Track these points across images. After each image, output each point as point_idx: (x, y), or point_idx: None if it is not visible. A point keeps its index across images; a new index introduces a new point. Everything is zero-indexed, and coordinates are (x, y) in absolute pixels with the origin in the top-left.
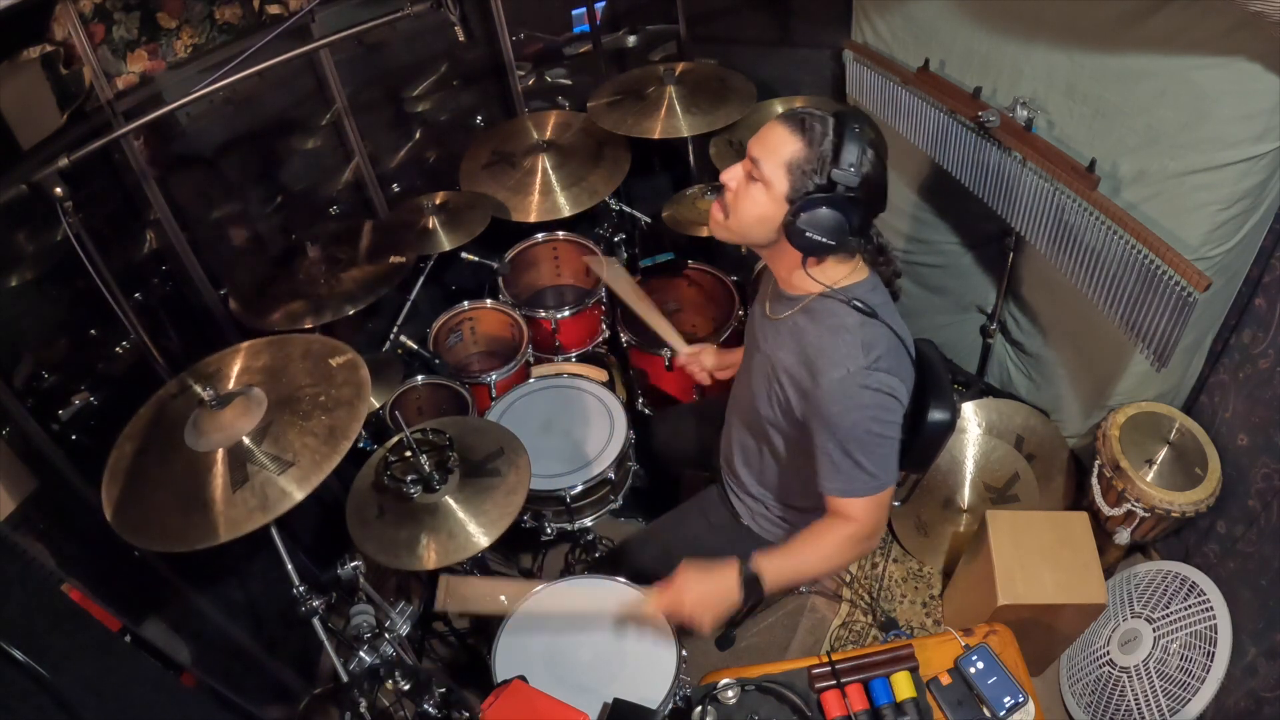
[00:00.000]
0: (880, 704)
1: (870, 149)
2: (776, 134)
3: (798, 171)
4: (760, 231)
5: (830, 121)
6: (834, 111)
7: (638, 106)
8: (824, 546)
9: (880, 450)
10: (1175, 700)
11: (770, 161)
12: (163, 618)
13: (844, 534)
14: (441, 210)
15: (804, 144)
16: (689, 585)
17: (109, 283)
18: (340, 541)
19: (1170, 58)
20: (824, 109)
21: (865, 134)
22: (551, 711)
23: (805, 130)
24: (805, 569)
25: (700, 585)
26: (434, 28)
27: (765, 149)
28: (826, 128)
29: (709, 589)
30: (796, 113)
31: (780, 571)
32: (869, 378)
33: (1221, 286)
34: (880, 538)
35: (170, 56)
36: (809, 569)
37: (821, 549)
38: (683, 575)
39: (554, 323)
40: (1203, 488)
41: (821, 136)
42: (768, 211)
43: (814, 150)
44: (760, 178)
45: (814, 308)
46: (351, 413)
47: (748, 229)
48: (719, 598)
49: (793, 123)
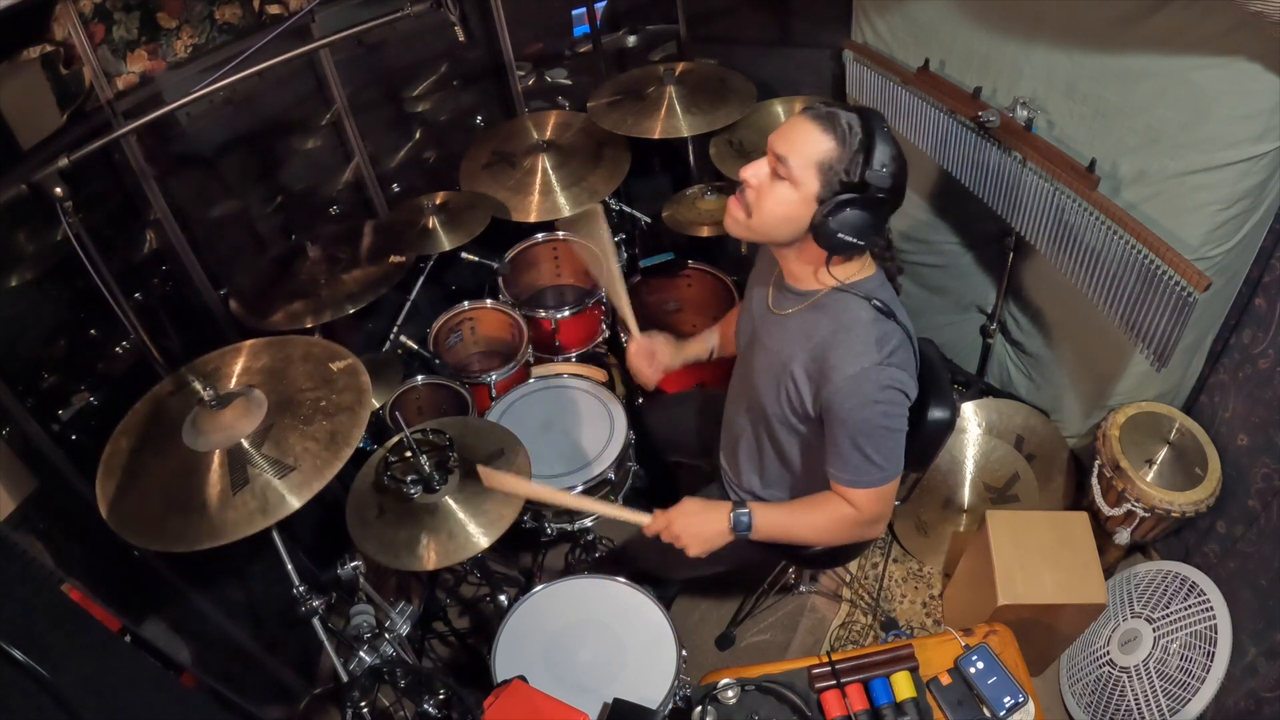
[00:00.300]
0: (880, 704)
1: (897, 147)
2: (805, 131)
3: (829, 171)
4: (785, 230)
5: (857, 119)
6: (855, 108)
7: (638, 106)
8: (820, 516)
9: (889, 443)
10: (1175, 700)
11: (799, 159)
12: (163, 618)
13: (843, 512)
14: (441, 210)
15: (836, 143)
16: (684, 510)
17: (109, 283)
18: (340, 541)
19: (1170, 58)
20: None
21: (890, 133)
22: (551, 711)
23: (836, 128)
24: (796, 531)
25: (694, 514)
26: (434, 28)
27: (793, 147)
28: (856, 126)
29: (702, 518)
30: (823, 109)
31: (772, 523)
32: (882, 374)
33: (1221, 286)
34: (883, 528)
35: (170, 56)
36: (799, 532)
37: (817, 518)
38: (681, 503)
39: (554, 323)
40: (1203, 488)
41: (853, 135)
42: (795, 211)
43: (846, 150)
44: (788, 176)
45: (824, 303)
46: (353, 419)
47: (772, 228)
48: (709, 528)
49: (822, 120)
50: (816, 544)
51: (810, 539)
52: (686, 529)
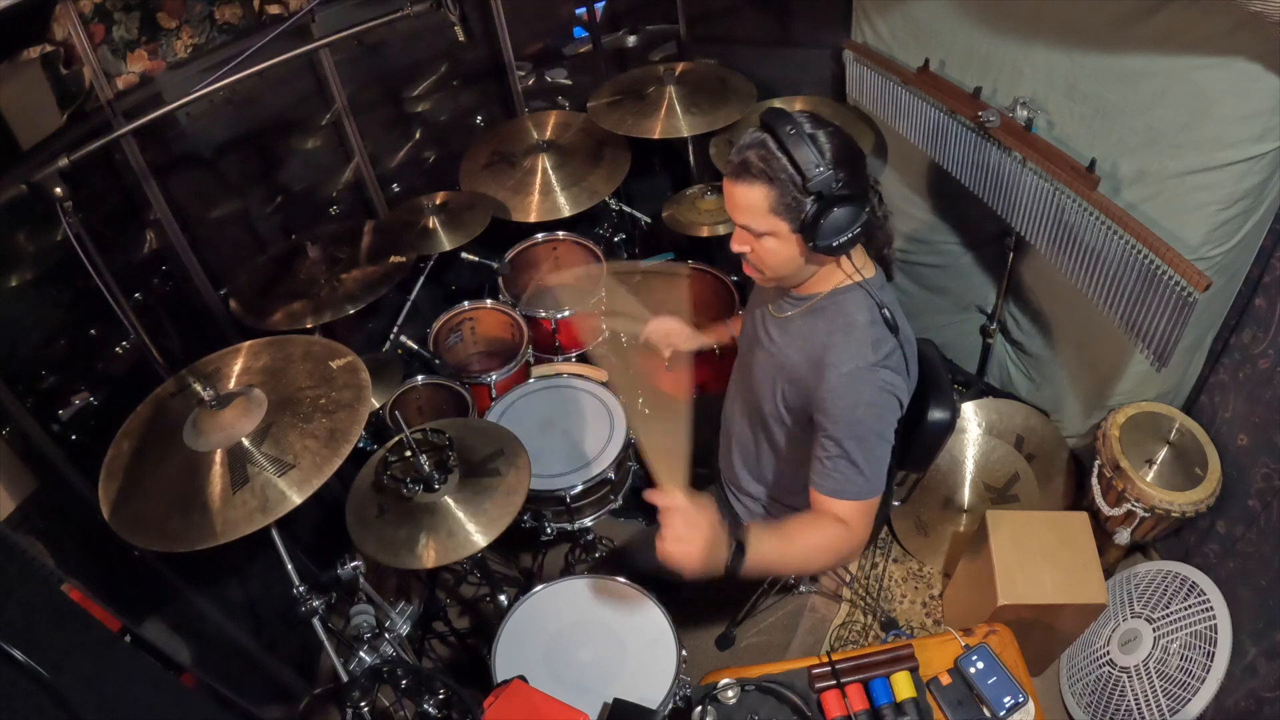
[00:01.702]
0: (880, 704)
1: (816, 131)
2: (738, 193)
3: (783, 207)
4: (797, 266)
5: (764, 143)
6: (762, 124)
7: (638, 106)
8: (812, 539)
9: (876, 451)
10: (1175, 700)
11: (754, 218)
12: (163, 618)
13: (833, 533)
14: (441, 210)
15: (765, 184)
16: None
17: (109, 283)
18: (340, 541)
19: (1170, 58)
20: (753, 130)
21: (802, 125)
22: (551, 711)
23: (759, 174)
24: (789, 559)
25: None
26: (434, 28)
27: (742, 212)
28: (771, 152)
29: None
30: (735, 163)
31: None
32: (876, 374)
33: (1221, 286)
34: (858, 554)
35: (170, 56)
36: (791, 561)
37: (809, 542)
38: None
39: (554, 323)
40: (1203, 488)
41: (773, 165)
42: (789, 251)
43: (777, 180)
44: (761, 234)
45: (823, 306)
46: (352, 416)
47: (789, 272)
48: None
49: (741, 175)
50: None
51: (798, 566)
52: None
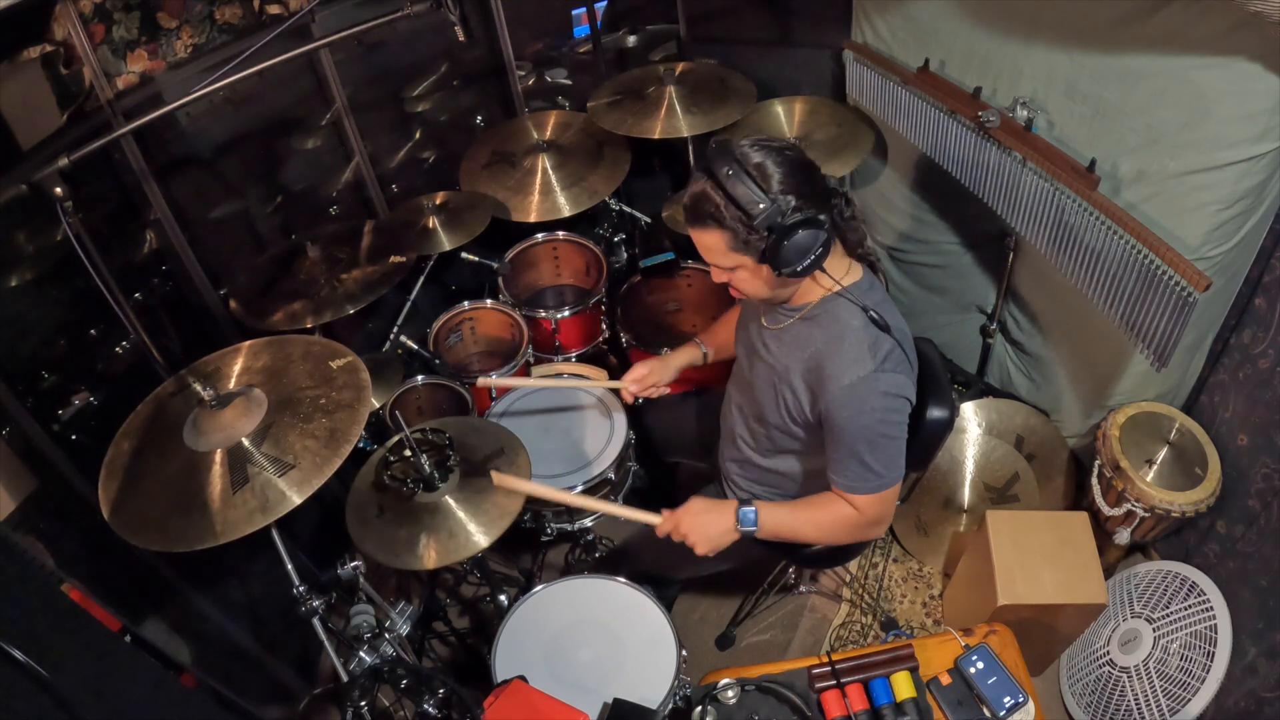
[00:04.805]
0: (880, 704)
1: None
2: (698, 237)
3: (741, 244)
4: (772, 289)
5: (706, 188)
6: (702, 168)
7: (638, 106)
8: (823, 515)
9: (888, 450)
10: (1175, 700)
11: (718, 257)
12: (163, 618)
13: (845, 514)
14: (441, 210)
15: (717, 227)
16: (691, 510)
17: (109, 283)
18: (340, 541)
19: (1170, 58)
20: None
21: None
22: (551, 711)
23: (708, 219)
24: (800, 529)
25: (701, 513)
26: (434, 28)
27: (707, 252)
28: (717, 197)
29: (708, 517)
30: (689, 210)
31: (777, 521)
32: (879, 381)
33: (1221, 286)
34: (884, 528)
35: (170, 56)
36: (803, 531)
37: (820, 517)
38: (688, 503)
39: (554, 323)
40: (1203, 488)
41: (723, 208)
42: (760, 278)
43: (730, 223)
44: (730, 268)
45: (815, 314)
46: (352, 416)
47: (767, 294)
48: (716, 527)
49: (696, 220)
50: (819, 543)
51: (813, 537)
52: (694, 528)
